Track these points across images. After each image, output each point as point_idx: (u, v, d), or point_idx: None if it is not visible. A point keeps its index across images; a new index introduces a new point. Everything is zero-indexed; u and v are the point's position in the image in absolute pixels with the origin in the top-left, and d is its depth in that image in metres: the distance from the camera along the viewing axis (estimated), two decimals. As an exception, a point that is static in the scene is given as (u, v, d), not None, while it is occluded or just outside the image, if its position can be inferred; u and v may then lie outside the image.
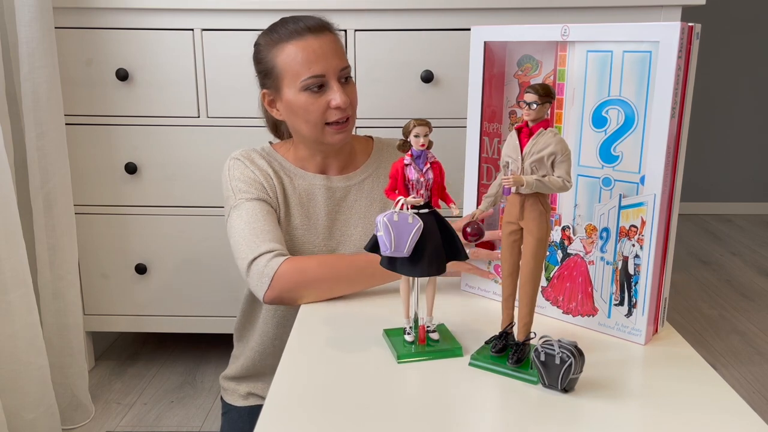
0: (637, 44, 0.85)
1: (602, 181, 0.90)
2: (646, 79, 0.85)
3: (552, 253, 0.96)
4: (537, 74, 0.96)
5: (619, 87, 0.87)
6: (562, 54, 0.93)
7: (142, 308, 1.87)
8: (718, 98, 3.70)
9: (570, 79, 0.92)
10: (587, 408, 0.72)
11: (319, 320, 0.96)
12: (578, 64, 0.91)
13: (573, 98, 0.92)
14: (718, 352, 2.09)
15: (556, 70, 0.94)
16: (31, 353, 1.45)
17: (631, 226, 0.87)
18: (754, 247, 3.17)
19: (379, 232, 0.81)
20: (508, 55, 0.99)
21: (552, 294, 0.97)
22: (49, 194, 1.58)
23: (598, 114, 0.90)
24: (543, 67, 0.95)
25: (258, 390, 1.33)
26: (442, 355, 0.84)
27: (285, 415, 0.72)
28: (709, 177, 3.80)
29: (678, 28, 0.80)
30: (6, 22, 1.57)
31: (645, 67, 0.85)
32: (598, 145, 0.90)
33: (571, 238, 0.94)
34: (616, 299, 0.90)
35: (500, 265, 0.83)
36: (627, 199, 0.87)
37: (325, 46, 1.13)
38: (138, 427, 1.67)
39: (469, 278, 1.07)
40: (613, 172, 0.89)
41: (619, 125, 0.88)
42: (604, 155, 0.90)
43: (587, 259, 0.92)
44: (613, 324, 0.91)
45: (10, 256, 1.38)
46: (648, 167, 0.85)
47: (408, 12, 1.64)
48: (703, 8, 1.68)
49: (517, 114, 1.00)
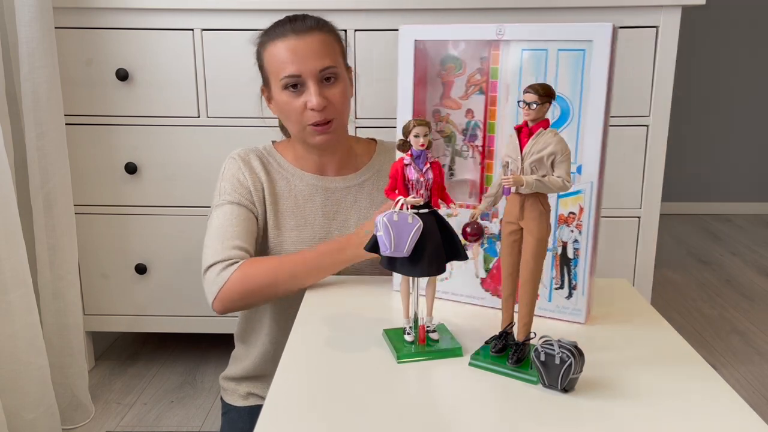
0: (571, 43, 0.90)
1: None
2: (580, 75, 0.90)
3: (491, 245, 0.99)
4: (461, 73, 0.99)
5: (554, 83, 0.91)
6: (495, 53, 0.96)
7: (142, 308, 1.87)
8: (718, 98, 3.70)
9: (504, 77, 0.96)
10: (587, 408, 0.72)
11: (319, 320, 0.96)
12: (513, 62, 0.94)
13: (507, 95, 0.96)
14: (718, 352, 2.09)
15: (488, 68, 0.96)
16: (31, 353, 1.45)
17: (570, 213, 0.93)
18: (754, 247, 3.17)
19: (379, 232, 0.81)
20: (431, 55, 1.00)
21: (492, 284, 1.00)
22: (49, 194, 1.58)
23: None
24: (467, 66, 0.98)
25: (258, 390, 1.33)
26: (442, 355, 0.84)
27: (285, 415, 0.72)
28: (709, 177, 3.80)
29: (610, 28, 0.86)
30: (6, 22, 1.57)
31: (579, 65, 0.90)
32: None
33: None
34: (557, 283, 0.95)
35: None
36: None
37: (306, 47, 1.13)
38: (138, 427, 1.67)
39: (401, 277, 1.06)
40: None
41: (555, 120, 0.93)
42: None
43: None
44: (554, 307, 0.95)
45: (10, 256, 1.38)
46: (584, 157, 0.90)
47: (408, 12, 1.64)
48: (703, 8, 1.68)
49: (441, 113, 1.01)
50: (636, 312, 1.01)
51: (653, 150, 1.70)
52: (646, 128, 1.70)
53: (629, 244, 1.77)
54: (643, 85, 1.67)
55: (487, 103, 0.97)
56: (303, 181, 1.24)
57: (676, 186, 3.61)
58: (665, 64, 1.65)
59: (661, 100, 1.68)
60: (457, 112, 1.00)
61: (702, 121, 3.72)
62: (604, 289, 1.09)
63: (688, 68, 3.51)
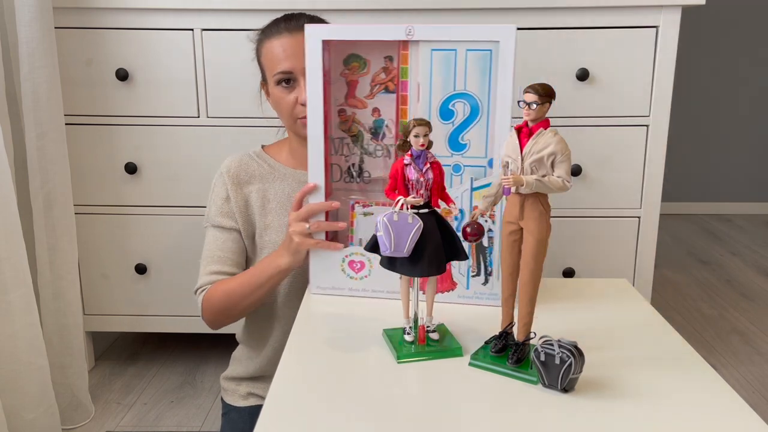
0: (478, 44, 0.95)
1: (453, 168, 0.99)
2: (488, 74, 0.95)
3: None
4: (365, 72, 1.01)
5: (463, 82, 0.97)
6: (404, 53, 0.98)
7: (142, 308, 1.87)
8: (718, 98, 3.70)
9: (413, 76, 0.99)
10: (587, 408, 0.72)
11: (319, 320, 0.96)
12: (423, 62, 0.97)
13: (419, 94, 0.99)
14: (718, 352, 2.09)
15: (394, 67, 0.99)
16: (31, 353, 1.45)
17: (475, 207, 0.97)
18: (754, 247, 3.17)
19: (379, 232, 0.81)
20: (334, 54, 1.01)
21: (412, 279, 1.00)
22: (49, 194, 1.58)
23: (445, 107, 0.98)
24: (371, 65, 1.00)
25: (258, 390, 1.33)
26: (442, 355, 0.84)
27: (285, 415, 0.72)
28: (709, 177, 3.80)
29: (514, 30, 0.92)
30: (6, 22, 1.57)
31: (486, 64, 0.95)
32: (446, 135, 0.99)
33: None
34: (474, 271, 1.01)
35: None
36: (478, 181, 0.99)
37: (298, 45, 1.16)
38: (138, 427, 1.67)
39: (319, 279, 1.06)
40: (462, 158, 0.99)
41: (466, 116, 0.98)
42: (453, 144, 0.99)
43: None
44: (472, 294, 1.01)
45: (10, 256, 1.38)
46: (495, 152, 0.97)
47: (408, 12, 1.64)
48: (703, 8, 1.68)
49: (347, 112, 1.03)
50: (636, 312, 1.01)
51: (653, 150, 1.71)
52: (646, 128, 1.70)
53: (629, 244, 1.77)
54: (643, 85, 1.67)
55: (398, 102, 1.00)
56: (295, 178, 1.26)
57: (676, 186, 3.61)
58: (665, 64, 1.65)
59: (661, 100, 1.68)
60: (363, 111, 1.02)
61: (702, 121, 3.72)
62: (604, 289, 1.09)
63: (688, 68, 3.51)
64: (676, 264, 2.91)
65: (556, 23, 1.64)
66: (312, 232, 1.04)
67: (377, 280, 1.04)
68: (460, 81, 0.97)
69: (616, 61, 1.66)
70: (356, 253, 1.04)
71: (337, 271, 1.05)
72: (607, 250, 1.78)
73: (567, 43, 1.65)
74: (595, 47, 1.65)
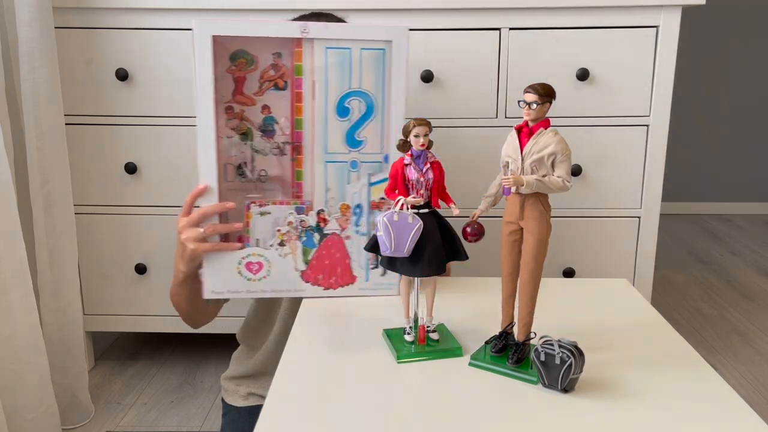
0: (372, 43, 0.98)
1: (350, 165, 1.02)
2: (382, 72, 0.99)
3: (309, 237, 1.03)
4: (253, 69, 1.00)
5: (359, 80, 0.99)
6: (298, 50, 0.98)
7: (142, 308, 1.87)
8: (718, 98, 3.70)
9: (308, 74, 0.99)
10: (587, 408, 0.72)
11: (319, 320, 0.96)
12: (318, 60, 0.99)
13: (314, 91, 1.00)
14: (718, 352, 2.09)
15: (292, 65, 0.99)
16: (31, 353, 1.45)
17: (381, 198, 1.03)
18: (754, 247, 3.17)
19: (379, 232, 0.81)
20: (219, 49, 0.99)
21: (312, 275, 1.04)
22: (49, 194, 1.58)
23: (341, 105, 1.00)
24: (259, 62, 0.99)
25: (258, 390, 1.33)
26: (442, 355, 0.84)
27: (285, 415, 0.72)
28: (709, 177, 3.80)
29: (406, 30, 0.97)
30: (6, 22, 1.57)
31: (380, 63, 0.99)
32: (343, 132, 1.01)
33: (326, 220, 1.03)
34: (372, 263, 1.04)
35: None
36: (375, 176, 1.02)
37: None
38: (138, 427, 1.67)
39: (214, 283, 1.02)
40: (359, 155, 1.02)
41: (362, 114, 1.01)
42: (350, 141, 1.01)
43: (343, 235, 1.04)
44: (371, 285, 1.05)
45: (10, 256, 1.38)
46: (390, 147, 1.01)
47: (407, 12, 1.64)
48: (703, 8, 1.69)
49: (234, 109, 1.00)
50: (636, 312, 1.00)
51: (653, 150, 1.71)
52: (646, 128, 1.70)
53: (629, 244, 1.77)
54: (643, 85, 1.67)
55: (292, 99, 1.00)
56: None
57: (676, 186, 3.60)
58: (665, 64, 1.65)
59: (661, 100, 1.68)
60: (252, 108, 1.01)
61: (702, 121, 3.72)
62: (604, 289, 1.09)
63: (688, 68, 3.51)
64: (676, 264, 2.91)
65: (556, 23, 1.64)
66: (207, 236, 0.99)
67: (277, 279, 1.03)
68: (356, 79, 0.99)
69: (616, 61, 1.66)
70: (254, 254, 1.02)
71: (234, 274, 1.02)
72: (607, 250, 1.78)
73: (567, 43, 1.65)
74: (595, 47, 1.65)
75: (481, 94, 1.68)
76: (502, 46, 1.65)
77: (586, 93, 1.68)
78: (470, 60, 1.66)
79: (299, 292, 1.04)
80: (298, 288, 1.04)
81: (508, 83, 1.67)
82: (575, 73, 1.66)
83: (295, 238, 1.03)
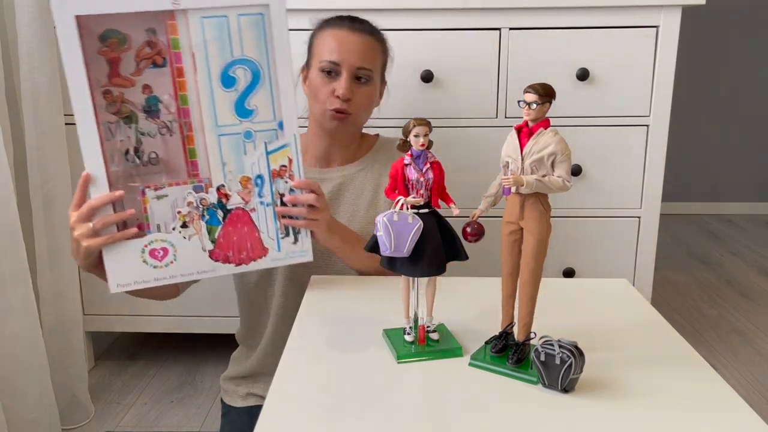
0: (249, 8, 0.96)
1: (244, 135, 0.99)
2: (264, 38, 0.97)
3: (213, 216, 1.00)
4: (126, 48, 0.94)
5: (240, 48, 0.97)
6: (171, 23, 0.95)
7: (142, 308, 1.87)
8: (718, 98, 3.70)
9: (186, 46, 0.96)
10: (587, 408, 0.72)
11: (319, 320, 0.96)
12: (194, 31, 0.95)
13: (195, 64, 0.97)
14: (718, 352, 2.09)
15: (168, 39, 0.95)
16: (31, 353, 1.45)
17: (281, 166, 1.01)
18: (754, 247, 3.17)
19: (379, 232, 0.81)
20: (85, 31, 0.93)
21: (221, 253, 1.01)
22: (49, 194, 1.58)
23: (225, 75, 0.97)
24: (132, 40, 0.95)
25: (258, 390, 1.33)
26: (442, 355, 0.84)
27: (285, 415, 0.72)
28: (709, 177, 3.80)
29: None
30: (6, 21, 1.57)
31: (261, 28, 0.96)
32: (232, 103, 0.98)
33: (228, 195, 1.00)
34: (282, 233, 1.03)
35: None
36: (271, 144, 1.00)
37: (354, 42, 1.21)
38: (138, 427, 1.67)
39: (119, 276, 0.98)
40: (251, 124, 0.99)
41: (248, 82, 0.98)
42: (240, 111, 0.98)
43: (248, 208, 1.01)
44: (284, 254, 1.04)
45: (10, 256, 1.38)
46: (283, 114, 0.99)
47: (407, 12, 1.64)
48: (703, 8, 1.68)
49: (113, 92, 0.95)
50: (636, 312, 1.00)
51: (653, 150, 1.71)
52: (646, 128, 1.70)
53: (629, 244, 1.77)
54: (643, 85, 1.67)
55: (173, 75, 0.96)
56: None
57: (676, 186, 3.61)
58: (665, 64, 1.65)
59: (661, 100, 1.68)
60: (131, 89, 0.95)
61: (702, 121, 3.72)
62: (604, 289, 1.09)
63: (688, 68, 3.51)
64: (676, 264, 2.91)
65: (556, 23, 1.64)
66: (98, 230, 0.94)
67: (185, 262, 1.00)
68: (237, 47, 0.96)
69: (616, 61, 1.66)
70: (156, 240, 0.98)
71: (138, 264, 0.98)
72: (607, 250, 1.78)
73: (567, 43, 1.65)
74: (595, 47, 1.65)
75: (481, 94, 1.68)
76: (502, 46, 1.65)
77: (586, 93, 1.68)
78: (470, 60, 1.66)
79: (211, 273, 1.01)
80: (208, 268, 1.01)
81: (508, 83, 1.67)
82: (575, 73, 1.66)
83: (197, 218, 0.99)
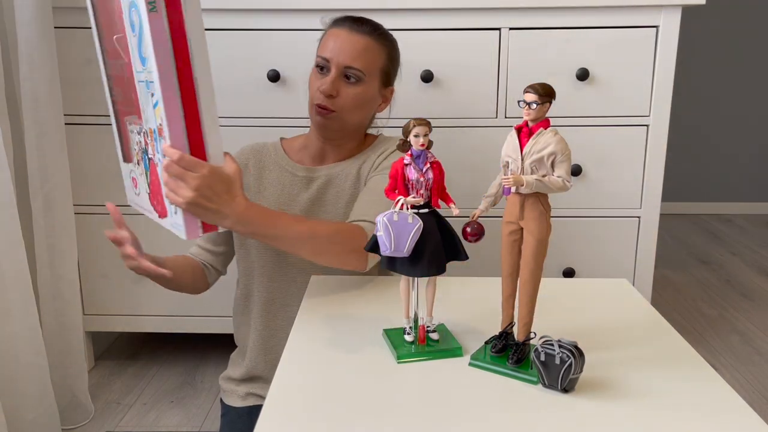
0: None
1: (146, 85, 0.89)
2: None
3: (144, 160, 0.96)
4: None
5: None
6: None
7: (142, 308, 1.87)
8: (718, 98, 3.70)
9: None
10: (587, 408, 0.72)
11: (319, 320, 0.96)
12: None
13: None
14: (718, 352, 2.09)
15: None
16: (31, 353, 1.45)
17: (159, 125, 0.88)
18: (754, 247, 3.17)
19: (379, 232, 0.81)
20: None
21: (153, 199, 0.98)
22: (49, 194, 1.58)
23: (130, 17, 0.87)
24: None
25: (257, 390, 1.33)
26: (442, 355, 0.84)
27: (285, 415, 0.72)
28: (709, 177, 3.80)
29: None
30: (6, 22, 1.57)
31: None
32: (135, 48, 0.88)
33: (147, 143, 0.94)
34: None
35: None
36: (154, 97, 0.87)
37: (348, 42, 1.22)
38: (138, 427, 1.67)
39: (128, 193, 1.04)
40: (147, 74, 0.87)
41: (140, 28, 0.85)
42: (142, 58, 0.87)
43: (156, 161, 0.93)
44: (169, 222, 0.97)
45: (10, 256, 1.38)
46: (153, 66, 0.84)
47: (407, 12, 1.64)
48: (703, 8, 1.69)
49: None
50: (636, 312, 1.00)
51: (653, 150, 1.71)
52: (646, 128, 1.70)
53: (629, 244, 1.77)
54: (643, 85, 1.67)
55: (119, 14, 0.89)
56: (288, 170, 1.29)
57: (676, 186, 3.61)
58: (665, 64, 1.65)
59: (661, 100, 1.68)
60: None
61: (702, 121, 3.72)
62: (604, 289, 1.09)
63: (688, 68, 3.51)
64: (676, 264, 2.91)
65: (556, 23, 1.64)
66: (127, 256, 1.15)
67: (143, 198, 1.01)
68: None
69: (616, 61, 1.66)
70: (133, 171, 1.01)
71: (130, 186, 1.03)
72: (607, 250, 1.78)
73: (567, 43, 1.65)
74: (595, 47, 1.65)
75: (481, 94, 1.68)
76: (502, 46, 1.65)
77: (586, 93, 1.68)
78: (470, 60, 1.66)
79: (153, 215, 1.01)
80: (152, 211, 1.00)
81: (508, 83, 1.67)
82: (575, 73, 1.66)
83: (140, 159, 0.98)
